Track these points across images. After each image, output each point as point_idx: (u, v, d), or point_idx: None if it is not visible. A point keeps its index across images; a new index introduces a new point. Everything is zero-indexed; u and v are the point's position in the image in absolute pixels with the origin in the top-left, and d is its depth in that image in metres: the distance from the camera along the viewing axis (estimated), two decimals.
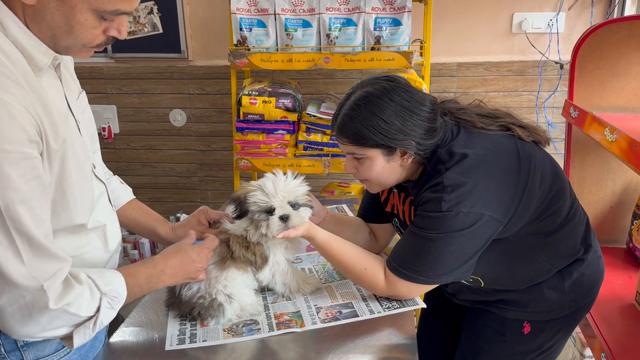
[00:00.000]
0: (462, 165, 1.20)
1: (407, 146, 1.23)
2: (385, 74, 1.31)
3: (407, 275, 1.26)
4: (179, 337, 1.24)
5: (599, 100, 1.98)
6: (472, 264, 1.25)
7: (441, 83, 2.90)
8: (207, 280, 1.28)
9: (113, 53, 3.02)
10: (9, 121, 0.86)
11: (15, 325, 0.92)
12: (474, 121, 1.30)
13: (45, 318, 0.93)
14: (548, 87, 2.87)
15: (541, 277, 1.36)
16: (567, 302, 1.38)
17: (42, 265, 0.92)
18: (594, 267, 1.42)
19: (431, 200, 1.21)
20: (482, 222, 1.18)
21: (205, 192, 3.29)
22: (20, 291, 0.90)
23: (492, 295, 1.41)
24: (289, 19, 2.36)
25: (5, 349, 1.04)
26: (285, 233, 1.28)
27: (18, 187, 0.87)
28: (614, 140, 1.48)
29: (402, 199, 1.42)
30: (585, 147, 2.07)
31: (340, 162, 2.40)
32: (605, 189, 2.10)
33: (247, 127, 2.44)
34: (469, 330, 1.51)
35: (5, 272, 0.88)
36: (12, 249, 0.88)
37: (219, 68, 3.00)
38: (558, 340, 1.45)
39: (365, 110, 1.22)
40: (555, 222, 1.32)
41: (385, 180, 1.32)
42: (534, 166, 1.26)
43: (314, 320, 1.29)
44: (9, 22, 0.93)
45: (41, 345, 1.07)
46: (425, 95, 1.28)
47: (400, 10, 2.32)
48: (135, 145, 3.20)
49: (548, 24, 2.75)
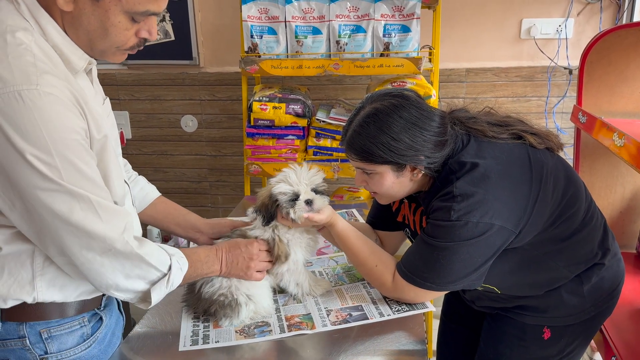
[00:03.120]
0: (472, 175, 1.20)
1: (417, 162, 1.24)
2: (394, 88, 1.32)
3: (415, 281, 1.27)
4: (192, 338, 1.27)
5: (608, 106, 1.98)
6: (483, 272, 1.24)
7: (450, 89, 2.92)
8: (228, 281, 1.31)
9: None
10: (65, 112, 0.96)
11: (106, 273, 1.04)
12: (485, 130, 1.29)
13: (129, 264, 1.06)
14: (557, 93, 2.87)
15: (558, 282, 1.34)
16: (587, 307, 1.36)
17: (115, 220, 1.04)
18: (614, 270, 1.39)
19: (441, 209, 1.21)
20: (492, 232, 1.18)
21: (216, 196, 3.32)
22: (108, 242, 1.03)
23: (510, 302, 1.40)
24: (299, 26, 2.39)
25: (30, 341, 1.09)
26: (311, 215, 1.32)
27: (81, 168, 0.99)
28: (622, 145, 1.49)
29: (413, 209, 1.42)
30: (594, 152, 2.07)
31: (349, 167, 2.42)
32: (614, 194, 2.10)
33: (257, 133, 2.46)
34: (489, 335, 1.50)
35: (90, 230, 1.01)
36: (91, 210, 1.01)
37: (229, 74, 3.04)
38: (579, 345, 1.43)
39: (374, 127, 1.22)
40: (571, 227, 1.30)
41: (396, 194, 1.33)
42: (546, 174, 1.25)
43: (324, 323, 1.31)
44: (50, 28, 1.00)
45: (64, 337, 1.13)
46: (434, 109, 1.28)
47: (409, 17, 2.34)
48: (147, 150, 3.24)
49: (557, 30, 2.76)
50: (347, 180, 3.01)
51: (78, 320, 1.16)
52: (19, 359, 1.10)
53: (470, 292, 1.46)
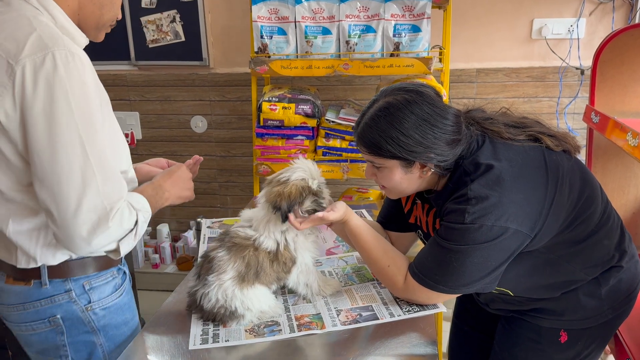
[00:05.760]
0: (487, 177, 1.18)
1: (427, 159, 1.22)
2: (411, 83, 1.29)
3: (427, 283, 1.26)
4: (202, 337, 1.27)
5: (621, 106, 1.96)
6: (497, 276, 1.22)
7: (460, 89, 2.90)
8: (223, 294, 1.29)
9: (136, 61, 3.09)
10: (89, 72, 1.09)
11: (89, 236, 1.10)
12: (501, 131, 1.27)
13: (105, 234, 1.12)
14: (568, 93, 2.84)
15: (575, 284, 1.32)
16: (604, 309, 1.33)
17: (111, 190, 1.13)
18: (632, 272, 1.36)
19: (455, 212, 1.19)
20: (507, 235, 1.16)
21: (225, 197, 3.32)
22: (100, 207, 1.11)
23: (525, 305, 1.38)
24: (309, 26, 2.39)
25: (76, 294, 1.25)
26: (326, 214, 1.32)
27: (98, 129, 1.10)
28: (636, 145, 1.47)
29: (426, 210, 1.40)
30: (606, 153, 2.05)
31: (359, 167, 2.42)
32: (627, 194, 2.08)
33: (267, 133, 2.47)
34: (503, 339, 1.47)
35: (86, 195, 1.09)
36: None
37: (239, 75, 3.05)
38: (596, 348, 1.40)
39: (385, 122, 1.21)
40: (588, 229, 1.28)
41: (405, 190, 1.32)
42: (562, 176, 1.23)
43: (334, 323, 1.30)
44: (56, 13, 1.14)
45: (102, 287, 1.29)
46: (449, 107, 1.25)
47: (420, 17, 2.33)
48: (158, 151, 3.25)
49: (568, 30, 2.74)
50: (357, 180, 3.00)
51: (110, 272, 1.31)
52: (66, 311, 1.24)
53: (484, 294, 1.44)
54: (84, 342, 1.27)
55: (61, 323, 1.24)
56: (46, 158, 1.05)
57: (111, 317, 1.30)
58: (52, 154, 1.05)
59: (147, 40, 3.04)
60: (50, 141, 1.04)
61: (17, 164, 1.11)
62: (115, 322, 1.31)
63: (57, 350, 1.27)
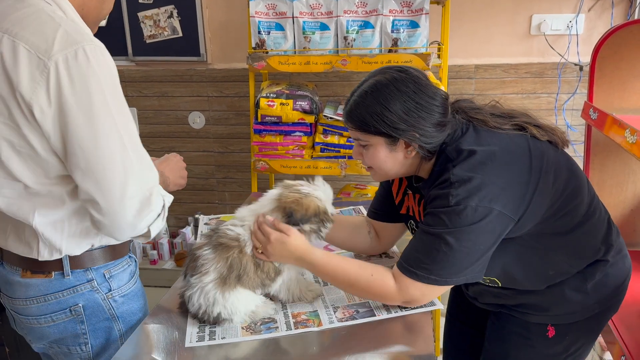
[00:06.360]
0: (469, 162, 1.20)
1: (411, 138, 1.24)
2: (400, 64, 1.32)
3: (418, 275, 1.23)
4: (198, 334, 1.26)
5: (620, 102, 1.96)
6: (484, 263, 1.23)
7: (459, 85, 2.90)
8: (205, 298, 1.27)
9: (133, 56, 3.07)
10: (113, 64, 1.12)
11: (134, 220, 1.16)
12: (487, 120, 1.29)
13: (147, 218, 1.18)
14: (567, 90, 2.84)
15: (560, 277, 1.33)
16: (590, 304, 1.34)
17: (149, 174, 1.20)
18: (619, 267, 1.37)
19: (439, 197, 1.21)
20: (492, 216, 1.17)
21: (223, 193, 3.32)
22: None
23: (512, 299, 1.39)
24: (306, 21, 2.38)
25: (97, 282, 1.29)
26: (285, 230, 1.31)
27: (130, 118, 1.15)
28: (634, 142, 1.47)
29: (417, 200, 1.41)
30: (605, 150, 2.05)
31: (357, 164, 2.41)
32: (625, 191, 2.08)
33: (264, 129, 2.46)
34: (493, 334, 1.48)
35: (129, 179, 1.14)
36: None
37: (237, 71, 3.04)
38: (585, 343, 1.41)
39: (371, 98, 1.24)
40: (573, 220, 1.29)
41: (389, 170, 1.32)
42: (546, 164, 1.24)
43: (331, 320, 1.30)
44: (66, 7, 1.17)
45: (120, 275, 1.34)
46: (437, 90, 1.27)
47: (418, 13, 2.32)
48: (155, 147, 3.24)
49: (567, 26, 2.73)
50: (355, 177, 3.00)
51: (125, 260, 1.36)
52: (88, 300, 1.28)
53: (472, 287, 1.45)
54: (103, 328, 1.32)
55: (82, 312, 1.28)
56: (90, 149, 1.08)
57: (129, 303, 1.36)
58: (95, 145, 1.08)
59: (144, 35, 3.03)
60: (92, 132, 1.08)
61: (47, 158, 1.13)
62: (132, 309, 1.37)
63: (77, 339, 1.31)
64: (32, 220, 1.18)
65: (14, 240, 1.25)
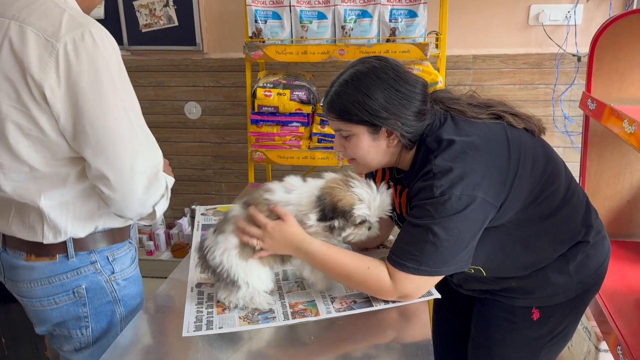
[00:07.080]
0: (449, 152, 1.21)
1: (393, 126, 1.25)
2: (377, 54, 1.33)
3: (408, 267, 1.23)
4: (195, 324, 1.26)
5: (618, 93, 1.96)
6: (470, 252, 1.24)
7: (457, 75, 2.89)
8: (229, 260, 1.28)
9: (129, 46, 3.05)
10: (116, 44, 1.16)
11: (143, 196, 1.22)
12: (465, 111, 1.30)
13: (155, 195, 1.24)
14: (565, 80, 2.83)
15: (544, 262, 1.35)
16: (573, 284, 1.37)
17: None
18: (599, 247, 1.40)
19: (424, 189, 1.22)
20: (476, 204, 1.18)
21: (220, 184, 3.31)
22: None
23: (497, 284, 1.41)
24: (304, 10, 2.36)
25: (101, 265, 1.32)
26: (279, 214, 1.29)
27: (135, 98, 1.21)
28: (632, 132, 1.47)
29: (399, 192, 1.42)
30: (602, 140, 2.05)
31: None
32: (622, 182, 2.08)
33: (261, 120, 2.45)
34: (479, 320, 1.51)
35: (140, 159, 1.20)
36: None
37: (234, 61, 3.02)
38: (569, 324, 1.44)
39: (352, 87, 1.25)
40: (552, 204, 1.31)
41: (372, 161, 1.33)
42: (524, 151, 1.26)
43: (328, 310, 1.30)
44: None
45: (123, 259, 1.37)
46: (417, 78, 1.29)
47: (416, 2, 2.31)
48: None
49: (566, 16, 2.72)
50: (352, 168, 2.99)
51: (126, 244, 1.39)
52: (91, 282, 1.31)
53: (457, 275, 1.46)
54: (105, 311, 1.35)
55: (85, 294, 1.30)
56: (99, 126, 1.12)
57: (130, 287, 1.38)
58: (104, 122, 1.12)
59: (140, 24, 3.00)
60: (102, 110, 1.12)
61: (55, 139, 1.15)
62: (133, 293, 1.39)
63: (78, 322, 1.33)
64: (39, 202, 1.21)
65: (17, 224, 1.27)
